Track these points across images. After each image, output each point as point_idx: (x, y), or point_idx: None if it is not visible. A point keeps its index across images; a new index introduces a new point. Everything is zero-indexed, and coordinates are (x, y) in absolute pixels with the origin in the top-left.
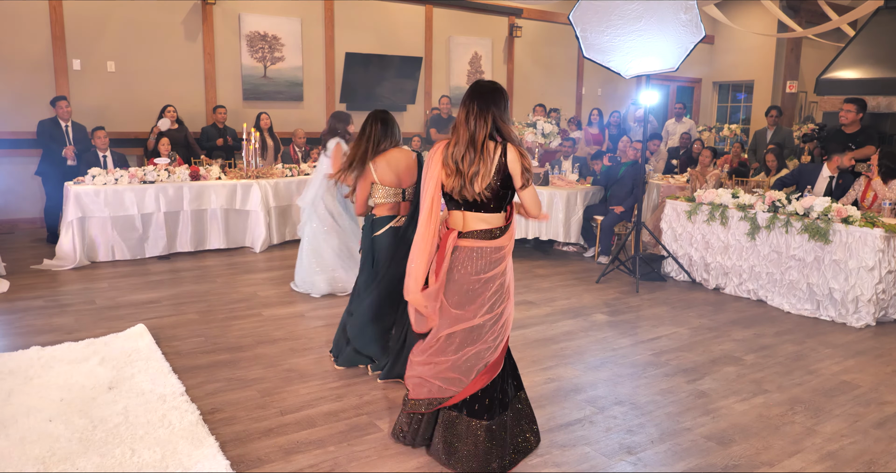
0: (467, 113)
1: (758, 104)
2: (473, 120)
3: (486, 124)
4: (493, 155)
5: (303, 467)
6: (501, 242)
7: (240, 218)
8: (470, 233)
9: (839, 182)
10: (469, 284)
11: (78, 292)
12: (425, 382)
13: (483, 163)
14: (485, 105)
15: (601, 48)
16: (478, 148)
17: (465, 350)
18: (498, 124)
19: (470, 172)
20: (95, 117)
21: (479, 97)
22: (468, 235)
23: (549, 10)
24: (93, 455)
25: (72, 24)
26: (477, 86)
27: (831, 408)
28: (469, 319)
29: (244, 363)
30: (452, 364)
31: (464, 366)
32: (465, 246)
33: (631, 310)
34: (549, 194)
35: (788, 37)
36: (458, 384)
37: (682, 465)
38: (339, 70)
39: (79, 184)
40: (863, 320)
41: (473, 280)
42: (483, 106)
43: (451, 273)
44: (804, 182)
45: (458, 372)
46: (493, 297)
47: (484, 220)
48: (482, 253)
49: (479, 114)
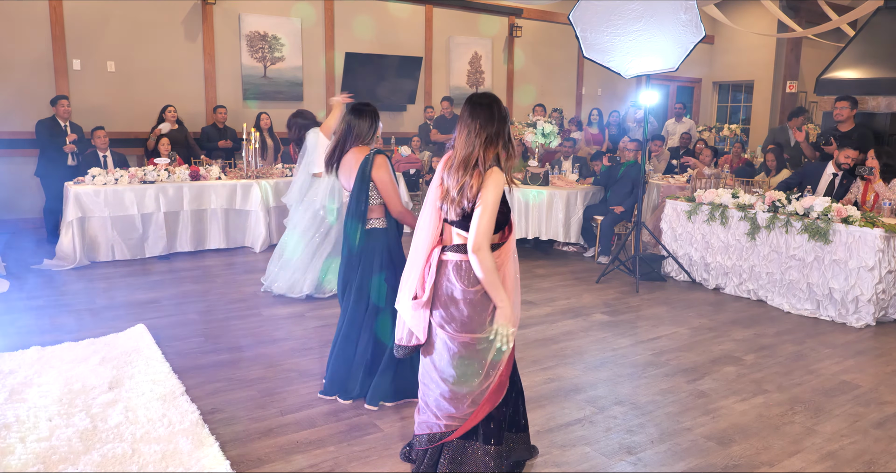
0: (468, 132)
1: (758, 104)
2: (474, 138)
3: (480, 144)
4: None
5: (303, 467)
6: None
7: (240, 218)
8: (452, 248)
9: (843, 181)
10: (453, 300)
11: (78, 292)
12: (425, 411)
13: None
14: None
15: (601, 48)
16: (468, 168)
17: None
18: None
19: (457, 188)
20: (95, 117)
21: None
22: (451, 249)
23: (549, 10)
24: (93, 455)
25: (72, 24)
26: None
27: (831, 408)
28: (456, 335)
29: (244, 363)
30: (451, 393)
31: (459, 395)
32: (447, 260)
33: (631, 310)
34: (549, 194)
35: (788, 37)
36: (456, 417)
37: (682, 465)
38: (339, 70)
39: (79, 184)
40: (863, 320)
41: (458, 292)
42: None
43: (436, 287)
44: (807, 182)
45: (455, 403)
46: (482, 315)
47: (461, 236)
48: (461, 266)
49: (479, 133)
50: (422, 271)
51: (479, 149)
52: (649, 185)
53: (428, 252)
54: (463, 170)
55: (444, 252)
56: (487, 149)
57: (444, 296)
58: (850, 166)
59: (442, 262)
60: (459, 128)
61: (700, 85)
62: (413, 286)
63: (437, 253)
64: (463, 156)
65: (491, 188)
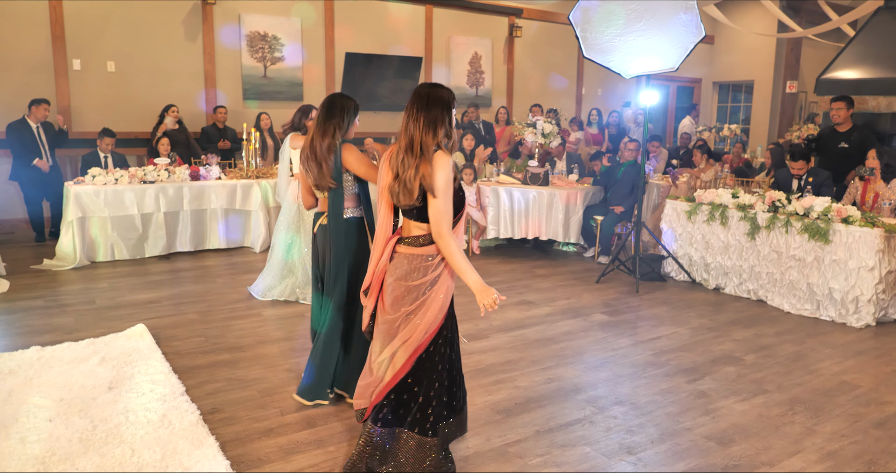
0: (408, 117)
1: (758, 104)
2: (412, 123)
3: (419, 129)
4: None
5: (303, 467)
6: (430, 250)
7: (240, 218)
8: (406, 239)
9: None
10: (397, 290)
11: (78, 292)
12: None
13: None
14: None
15: (601, 48)
16: (415, 154)
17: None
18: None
19: (405, 177)
20: (95, 117)
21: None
22: (406, 241)
23: (549, 10)
24: (93, 455)
25: (72, 24)
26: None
27: (831, 408)
28: (396, 322)
29: (244, 363)
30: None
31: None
32: (400, 252)
33: (631, 310)
34: (549, 194)
35: (788, 37)
36: (371, 388)
37: (682, 465)
38: (339, 70)
39: (79, 184)
40: (863, 320)
41: (403, 286)
42: (424, 110)
43: (386, 276)
44: (781, 188)
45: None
46: (413, 303)
47: (419, 227)
48: (413, 259)
49: (419, 118)
50: (376, 262)
51: (419, 134)
52: (649, 185)
53: (383, 244)
54: (409, 156)
55: (399, 243)
56: (427, 134)
57: (389, 285)
58: (800, 176)
59: (396, 253)
60: (403, 115)
61: (700, 85)
62: (368, 277)
63: (393, 244)
64: (406, 142)
65: (440, 172)
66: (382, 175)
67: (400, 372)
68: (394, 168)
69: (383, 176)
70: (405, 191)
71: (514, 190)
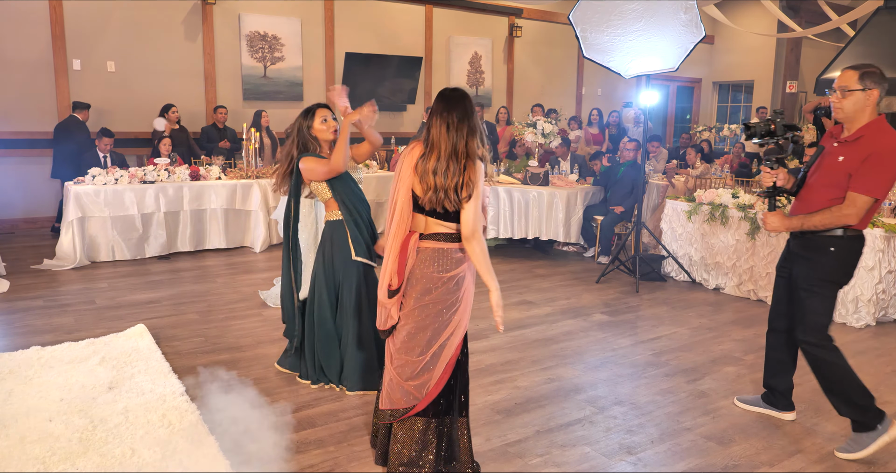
0: (447, 126)
1: (758, 104)
2: (455, 132)
3: (463, 137)
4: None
5: (303, 467)
6: (457, 245)
7: (240, 218)
8: (431, 236)
9: None
10: (431, 282)
11: (78, 292)
12: (394, 389)
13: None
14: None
15: (601, 48)
16: (460, 161)
17: (431, 350)
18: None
19: (453, 184)
20: (95, 117)
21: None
22: (430, 237)
23: (549, 10)
24: (93, 455)
25: (72, 24)
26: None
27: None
28: (431, 316)
29: (244, 363)
30: (422, 366)
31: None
32: (428, 247)
33: (631, 310)
34: (549, 194)
35: (788, 37)
36: (419, 391)
37: (682, 465)
38: (339, 70)
39: (79, 184)
40: (863, 320)
41: (436, 278)
42: (461, 118)
43: (413, 271)
44: None
45: (423, 377)
46: (451, 297)
47: (444, 226)
48: (444, 253)
49: (462, 128)
50: (396, 260)
51: (463, 142)
52: (649, 186)
53: (401, 242)
54: (454, 163)
55: (423, 239)
56: (472, 141)
57: (420, 281)
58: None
59: (421, 249)
60: (435, 122)
61: (700, 85)
62: (388, 275)
63: (415, 241)
64: (448, 150)
65: (480, 179)
66: (404, 177)
67: (450, 366)
68: (429, 177)
69: (405, 177)
70: (449, 199)
71: (514, 190)
